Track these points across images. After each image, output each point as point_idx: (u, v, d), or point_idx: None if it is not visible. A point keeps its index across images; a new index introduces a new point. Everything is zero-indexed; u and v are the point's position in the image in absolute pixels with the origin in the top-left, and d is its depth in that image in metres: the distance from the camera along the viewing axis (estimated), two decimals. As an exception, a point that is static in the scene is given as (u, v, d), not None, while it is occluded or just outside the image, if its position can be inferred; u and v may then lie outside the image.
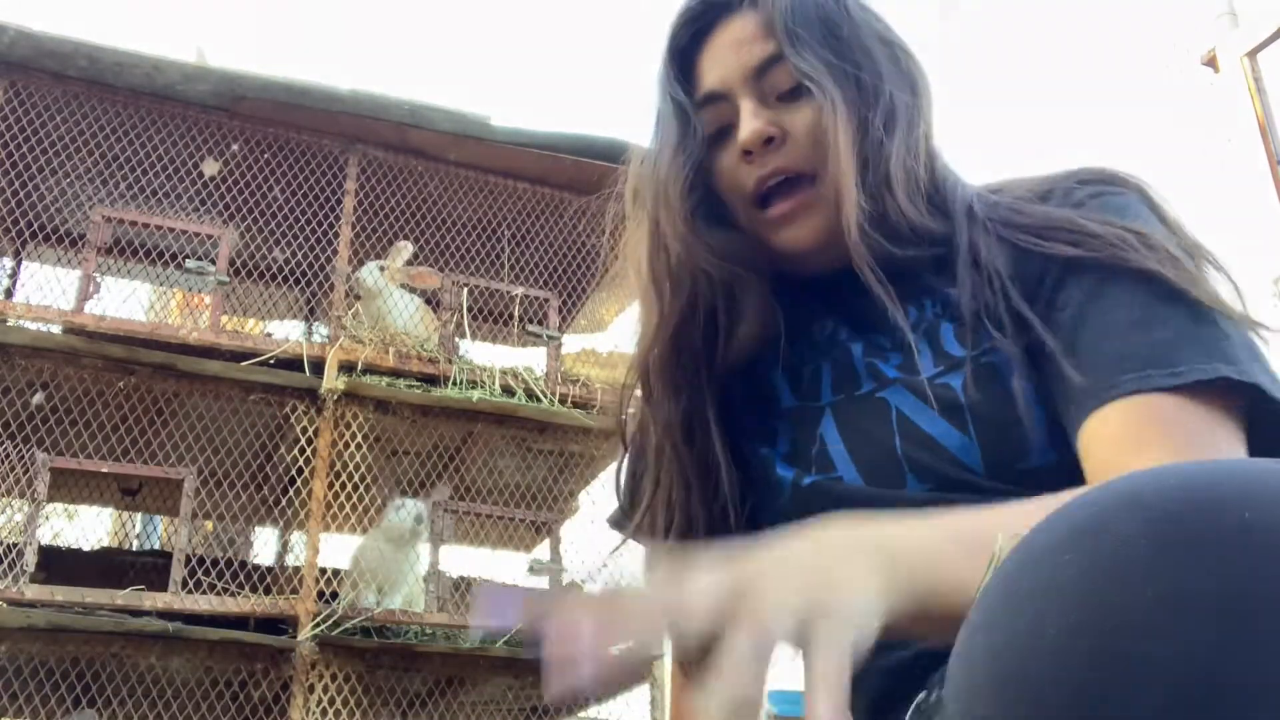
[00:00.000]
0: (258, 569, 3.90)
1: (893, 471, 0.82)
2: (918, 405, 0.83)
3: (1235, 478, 0.40)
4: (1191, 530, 0.38)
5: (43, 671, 3.17)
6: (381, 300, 3.72)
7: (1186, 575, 0.37)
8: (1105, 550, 0.39)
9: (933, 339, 0.86)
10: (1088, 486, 0.49)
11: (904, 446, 0.82)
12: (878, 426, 0.85)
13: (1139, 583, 0.38)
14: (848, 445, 0.86)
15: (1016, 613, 0.40)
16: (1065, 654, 0.38)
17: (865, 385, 0.88)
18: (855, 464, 0.85)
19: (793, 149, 0.87)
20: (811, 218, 0.87)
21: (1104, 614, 0.38)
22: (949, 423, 0.81)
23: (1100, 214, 0.83)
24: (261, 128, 3.79)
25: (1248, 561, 0.37)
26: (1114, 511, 0.41)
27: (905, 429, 0.83)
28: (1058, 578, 0.40)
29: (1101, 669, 0.37)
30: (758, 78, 0.89)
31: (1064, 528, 0.42)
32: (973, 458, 0.79)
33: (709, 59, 0.92)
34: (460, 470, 3.98)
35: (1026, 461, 0.78)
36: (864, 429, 0.86)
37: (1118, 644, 0.37)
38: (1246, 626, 0.36)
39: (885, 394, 0.86)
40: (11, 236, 4.10)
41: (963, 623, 0.44)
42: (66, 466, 3.38)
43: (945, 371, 0.83)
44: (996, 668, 0.41)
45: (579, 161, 3.99)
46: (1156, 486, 0.41)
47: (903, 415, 0.84)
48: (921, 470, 0.81)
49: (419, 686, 3.64)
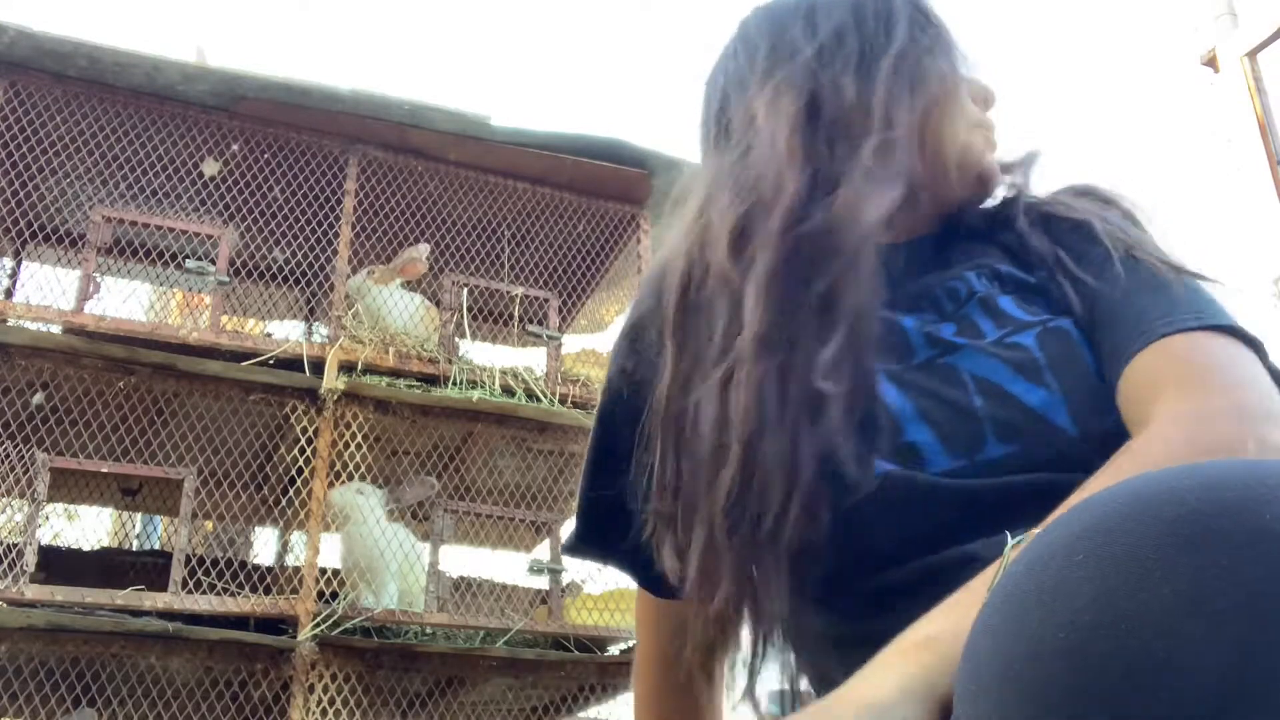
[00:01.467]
0: (258, 569, 3.89)
1: (972, 432, 0.78)
2: (993, 365, 0.80)
3: (1255, 477, 0.40)
4: (1211, 531, 0.38)
5: (43, 671, 3.16)
6: (371, 299, 3.72)
7: (1205, 577, 0.37)
8: (1120, 550, 0.39)
9: (991, 308, 0.85)
10: (1100, 481, 0.49)
11: (984, 405, 0.78)
12: (950, 389, 0.80)
13: (1156, 584, 0.37)
14: (918, 408, 0.80)
15: (1025, 614, 0.40)
16: (1077, 656, 0.38)
17: (923, 354, 0.84)
18: (929, 426, 0.79)
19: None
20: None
21: (1118, 615, 0.37)
22: (1028, 380, 0.78)
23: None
24: (261, 128, 3.79)
25: (1267, 564, 0.36)
26: (1129, 511, 0.40)
27: (983, 388, 0.79)
28: (1069, 578, 0.39)
29: (1115, 671, 0.37)
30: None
31: (1076, 527, 0.41)
32: (1058, 414, 0.77)
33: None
34: (460, 470, 3.97)
35: (1109, 416, 0.76)
36: (933, 392, 0.81)
37: (1133, 646, 0.36)
38: (1267, 630, 0.35)
39: (952, 359, 0.82)
40: (11, 236, 4.10)
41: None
42: (66, 466, 3.37)
43: (1013, 332, 0.82)
44: (1004, 669, 0.40)
45: (579, 161, 3.98)
46: (1173, 486, 0.40)
47: (977, 376, 0.80)
48: (1005, 429, 0.77)
49: (419, 686, 3.64)
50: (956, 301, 0.86)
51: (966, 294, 0.86)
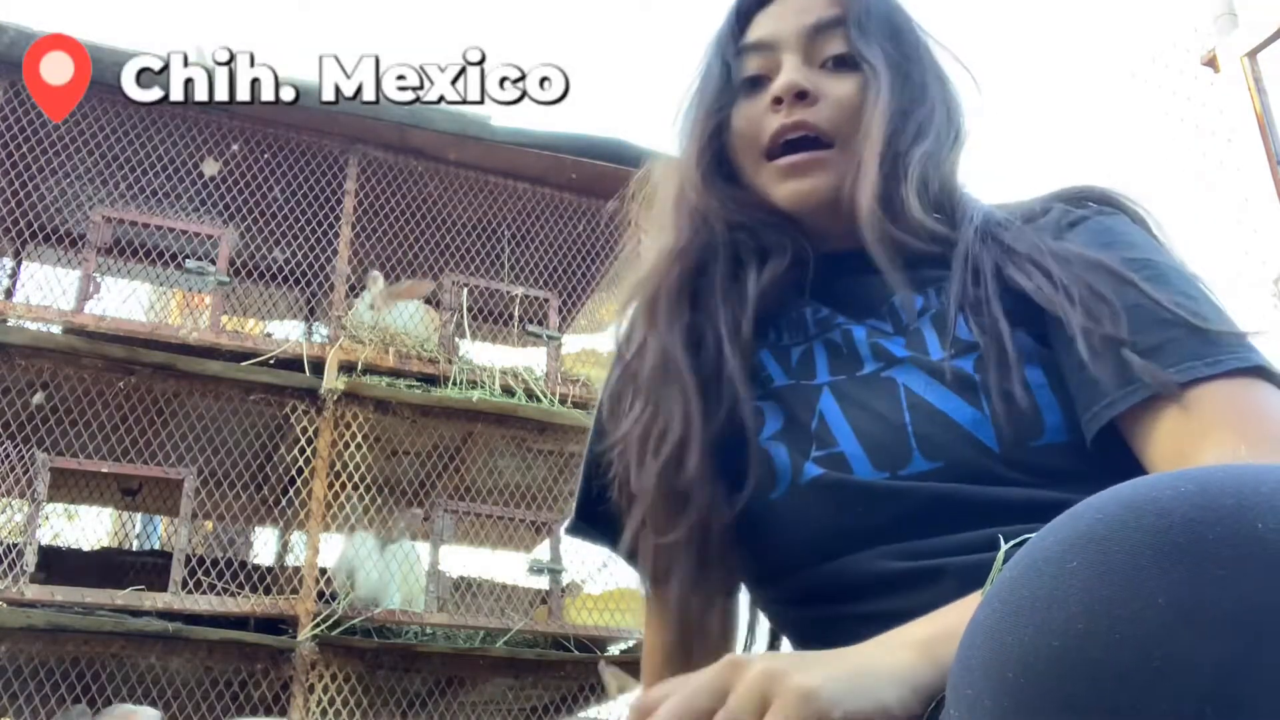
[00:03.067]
0: (258, 569, 3.90)
1: (899, 447, 0.80)
2: (929, 382, 0.82)
3: (1249, 484, 0.39)
4: (1204, 540, 0.37)
5: (43, 671, 3.16)
6: (382, 318, 3.74)
7: (1198, 586, 0.37)
8: (1114, 558, 0.39)
9: (941, 326, 0.86)
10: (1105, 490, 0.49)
11: (914, 421, 0.80)
12: (884, 403, 0.82)
13: (1149, 593, 0.37)
14: (851, 421, 0.83)
15: (1019, 620, 0.40)
16: (1069, 664, 0.37)
17: (869, 365, 0.86)
18: (859, 439, 0.82)
19: (822, 111, 0.87)
20: (819, 176, 0.87)
21: (1111, 623, 0.37)
22: (961, 399, 0.80)
23: (1084, 240, 0.84)
24: (261, 128, 3.79)
25: (1259, 574, 0.36)
26: (1123, 518, 0.40)
27: (915, 404, 0.81)
28: (1062, 585, 0.39)
29: (1108, 680, 0.37)
30: (811, 39, 0.90)
31: (1069, 533, 0.41)
32: (985, 433, 0.78)
33: (768, 15, 0.93)
34: (460, 470, 3.97)
35: (1039, 439, 0.77)
36: (869, 406, 0.83)
37: (1125, 655, 0.36)
38: (1259, 640, 0.35)
39: (892, 372, 0.84)
40: (11, 236, 4.10)
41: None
42: (66, 466, 3.38)
43: (957, 355, 0.82)
44: (996, 676, 0.40)
45: (579, 161, 3.98)
46: (1167, 493, 0.40)
47: (912, 392, 0.82)
48: (931, 447, 0.79)
49: (419, 686, 3.64)
50: (911, 315, 0.86)
51: (923, 307, 0.87)
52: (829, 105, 0.88)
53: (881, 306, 0.89)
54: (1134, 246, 0.83)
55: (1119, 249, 0.82)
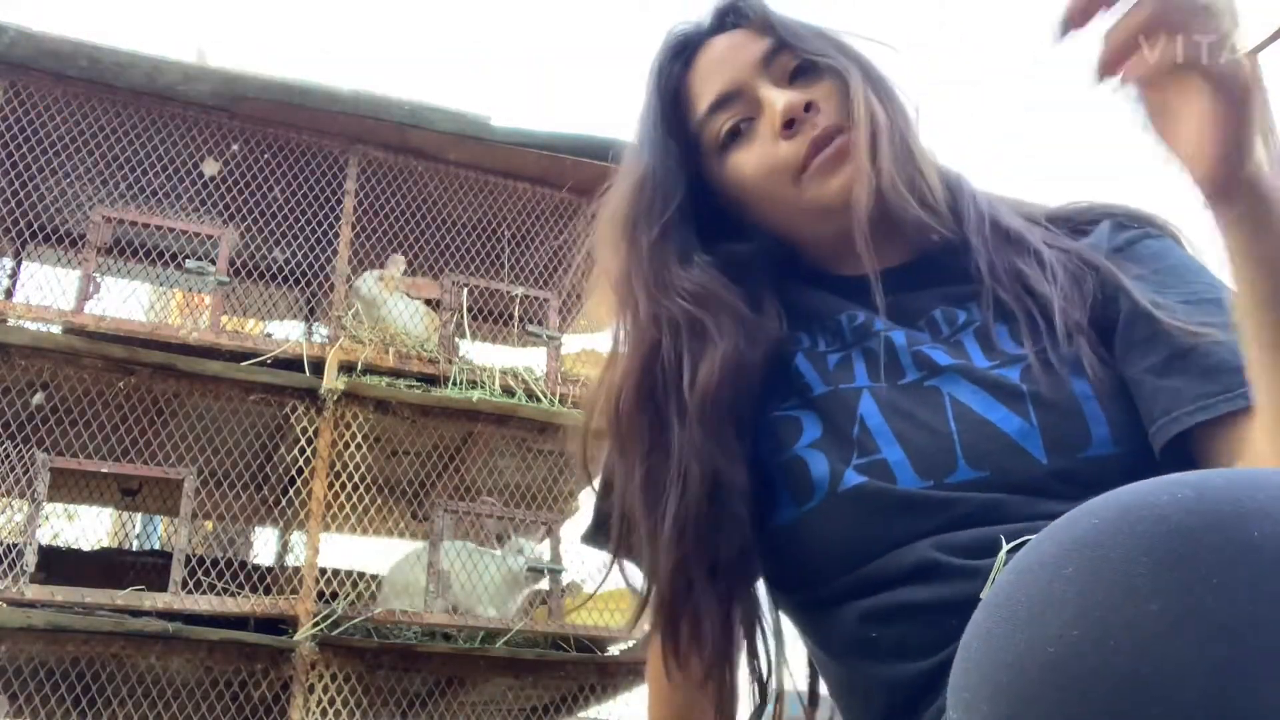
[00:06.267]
0: (257, 569, 3.90)
1: (945, 455, 0.79)
2: (974, 391, 0.81)
3: (1245, 491, 0.39)
4: (1199, 546, 0.37)
5: (43, 671, 3.16)
6: (380, 308, 3.73)
7: (1193, 593, 0.36)
8: (1109, 563, 0.38)
9: (984, 337, 0.86)
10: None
11: (960, 430, 0.80)
12: (929, 412, 0.82)
13: (1143, 599, 0.37)
14: (894, 428, 0.82)
15: (1015, 625, 0.40)
16: (1064, 670, 0.37)
17: (911, 374, 0.85)
18: (903, 446, 0.81)
19: (827, 114, 0.89)
20: (857, 158, 0.87)
21: (1106, 630, 0.37)
22: (1008, 409, 0.79)
23: (1140, 262, 0.84)
24: (261, 128, 3.79)
25: (1253, 581, 0.36)
26: (1119, 523, 0.40)
27: (961, 413, 0.81)
28: (1057, 591, 0.39)
29: (1102, 687, 0.37)
30: (767, 65, 0.91)
31: (1066, 539, 0.41)
32: (1033, 443, 0.77)
33: (702, 77, 0.93)
34: (460, 470, 3.97)
35: (1087, 450, 0.77)
36: (913, 414, 0.82)
37: (1119, 661, 0.36)
38: (1253, 647, 0.35)
39: (936, 381, 0.84)
40: (11, 236, 4.10)
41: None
42: (66, 466, 3.37)
43: (1001, 365, 0.82)
44: (993, 680, 0.40)
45: (579, 161, 3.98)
46: (1163, 499, 0.40)
47: (957, 401, 0.81)
48: (977, 455, 0.78)
49: (419, 686, 3.64)
50: (953, 326, 0.87)
51: (966, 320, 0.87)
52: (827, 106, 0.89)
53: (919, 320, 0.89)
54: (1199, 270, 0.84)
55: (1184, 272, 0.83)
